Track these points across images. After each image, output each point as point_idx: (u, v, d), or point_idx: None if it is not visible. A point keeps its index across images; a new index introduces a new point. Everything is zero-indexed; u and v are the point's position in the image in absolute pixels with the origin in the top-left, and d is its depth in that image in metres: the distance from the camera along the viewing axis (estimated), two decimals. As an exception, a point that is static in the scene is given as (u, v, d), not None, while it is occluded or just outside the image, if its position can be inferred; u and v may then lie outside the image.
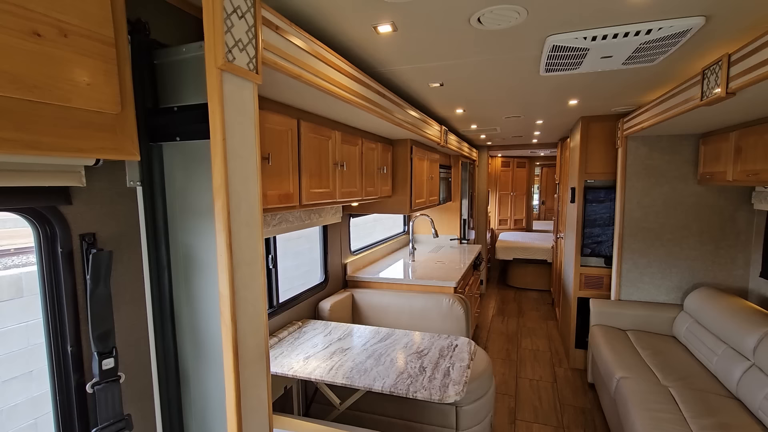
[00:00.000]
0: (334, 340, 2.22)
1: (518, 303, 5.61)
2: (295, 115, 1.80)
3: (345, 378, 1.79)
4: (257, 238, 1.12)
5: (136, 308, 1.14)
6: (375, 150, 2.67)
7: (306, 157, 1.87)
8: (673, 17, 1.41)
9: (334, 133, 2.12)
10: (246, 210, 1.08)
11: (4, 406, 1.63)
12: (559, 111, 3.23)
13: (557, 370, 3.60)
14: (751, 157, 2.17)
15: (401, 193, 3.02)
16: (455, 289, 2.99)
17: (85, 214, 1.00)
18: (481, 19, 1.41)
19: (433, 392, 1.67)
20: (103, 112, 0.87)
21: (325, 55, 1.46)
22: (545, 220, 8.77)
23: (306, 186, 1.88)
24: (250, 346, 1.10)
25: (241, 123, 1.05)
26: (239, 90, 1.04)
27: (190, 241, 1.16)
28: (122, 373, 1.04)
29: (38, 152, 0.76)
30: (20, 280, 1.70)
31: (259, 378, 1.15)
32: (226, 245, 1.01)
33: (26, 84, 0.73)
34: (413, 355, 2.02)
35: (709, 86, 1.74)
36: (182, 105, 1.09)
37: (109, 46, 0.88)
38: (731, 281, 2.98)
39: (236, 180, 1.04)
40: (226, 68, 0.97)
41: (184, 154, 1.13)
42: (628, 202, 3.19)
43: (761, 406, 1.97)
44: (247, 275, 1.09)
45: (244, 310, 1.07)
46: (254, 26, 1.06)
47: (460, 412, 2.23)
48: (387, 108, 2.10)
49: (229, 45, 0.97)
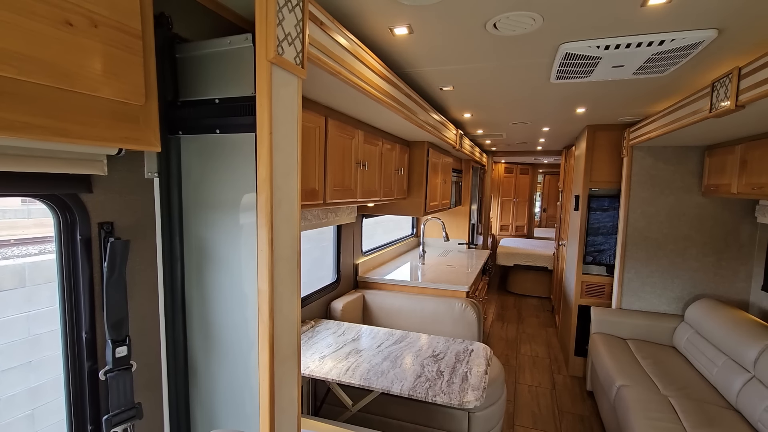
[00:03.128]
0: (348, 341, 2.21)
1: (518, 309, 5.61)
2: (323, 112, 1.80)
3: (362, 379, 1.78)
4: (295, 235, 1.11)
5: (148, 299, 1.15)
6: (393, 151, 2.68)
7: (331, 155, 1.87)
8: (687, 29, 1.43)
9: (358, 132, 2.12)
10: (287, 206, 1.07)
11: (2, 396, 1.62)
12: (566, 119, 3.24)
13: (556, 377, 3.60)
14: (757, 171, 2.18)
15: (416, 195, 3.03)
16: (467, 294, 2.99)
17: (104, 203, 1.01)
18: (497, 24, 1.43)
19: (452, 397, 1.65)
20: (128, 102, 0.88)
21: (362, 54, 1.46)
22: (546, 228, 8.79)
23: (330, 184, 1.88)
24: (284, 344, 1.09)
25: (286, 117, 1.05)
26: (286, 84, 1.04)
27: (203, 234, 1.17)
28: (134, 362, 1.05)
29: (66, 139, 0.77)
30: (23, 270, 1.70)
31: (291, 376, 1.13)
32: (268, 241, 0.99)
33: (58, 72, 0.74)
34: (430, 358, 2.01)
35: (718, 98, 1.75)
36: (223, 98, 1.08)
37: (136, 38, 0.89)
38: (732, 293, 2.99)
39: (279, 175, 1.03)
40: (276, 61, 0.97)
41: (201, 147, 1.15)
42: (632, 211, 3.20)
43: (761, 418, 1.98)
44: (285, 271, 1.08)
45: (280, 308, 1.06)
46: (302, 20, 1.05)
47: (473, 418, 2.20)
48: (412, 109, 2.11)
49: (280, 38, 0.97)
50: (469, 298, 2.96)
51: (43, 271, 1.74)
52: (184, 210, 1.19)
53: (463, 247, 4.86)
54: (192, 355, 1.24)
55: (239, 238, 1.12)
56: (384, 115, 2.04)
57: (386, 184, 2.58)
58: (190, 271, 1.21)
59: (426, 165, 3.00)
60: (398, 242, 4.28)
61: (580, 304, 3.57)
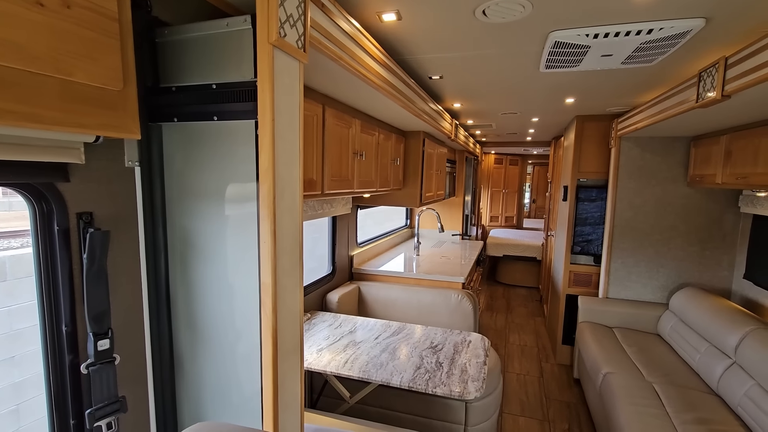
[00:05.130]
0: (345, 333, 2.20)
1: (507, 299, 5.67)
2: (320, 100, 1.77)
3: (362, 372, 1.77)
4: (297, 226, 1.08)
5: (131, 290, 1.12)
6: (389, 141, 2.65)
7: (329, 145, 1.84)
8: (675, 18, 1.43)
9: (355, 121, 2.09)
10: (289, 196, 1.03)
11: (-16, 392, 1.59)
12: (556, 109, 3.25)
13: (544, 366, 3.66)
14: (741, 161, 2.21)
15: (412, 186, 3.01)
16: (463, 285, 2.99)
17: (82, 193, 0.98)
18: (486, 11, 1.41)
19: (453, 388, 1.65)
20: (105, 88, 0.85)
21: (363, 39, 1.43)
22: (536, 218, 8.86)
23: (328, 174, 1.86)
24: (287, 338, 1.06)
25: (288, 104, 1.00)
26: (287, 69, 0.99)
27: (187, 224, 1.15)
28: (117, 355, 1.03)
29: (39, 125, 0.74)
30: (4, 264, 1.66)
31: (294, 371, 1.11)
32: (271, 232, 0.96)
33: (28, 55, 0.71)
34: (428, 350, 2.01)
35: (704, 88, 1.77)
36: (221, 83, 1.03)
37: (112, 21, 0.86)
38: (716, 282, 3.05)
39: (281, 164, 0.98)
40: (277, 44, 0.92)
41: (184, 135, 1.12)
42: (619, 201, 3.24)
43: (740, 402, 2.03)
44: (288, 264, 1.04)
45: (284, 300, 1.03)
46: (304, 2, 1.00)
47: (470, 407, 2.22)
48: (410, 97, 2.07)
49: (282, 20, 0.92)
50: (464, 289, 2.98)
51: (24, 265, 1.70)
52: (167, 200, 1.17)
53: (456, 238, 4.87)
54: (177, 347, 1.22)
55: (225, 229, 1.10)
56: (382, 104, 2.01)
57: (382, 174, 2.56)
58: (175, 262, 1.18)
59: (422, 155, 2.98)
60: (392, 233, 4.27)
61: (568, 294, 3.61)
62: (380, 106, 2.09)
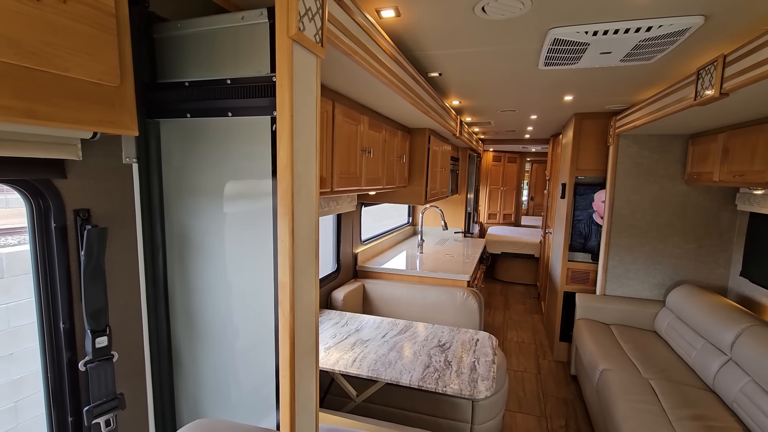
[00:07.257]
0: (352, 331, 2.19)
1: (505, 296, 5.69)
2: (330, 97, 1.74)
3: (370, 370, 1.76)
4: (313, 224, 1.06)
5: (129, 287, 1.12)
6: (396, 138, 2.63)
7: (338, 142, 1.82)
8: (674, 15, 1.43)
9: (363, 118, 2.07)
10: (306, 194, 1.00)
11: (-19, 390, 1.59)
12: (554, 106, 3.25)
13: (541, 362, 3.67)
14: (738, 159, 2.22)
15: (417, 183, 2.99)
16: (468, 283, 2.98)
17: (80, 189, 0.97)
18: (485, 8, 1.41)
19: (463, 387, 1.65)
20: (102, 83, 0.84)
21: (376, 35, 1.41)
22: (534, 216, 8.88)
23: (337, 171, 1.84)
24: (303, 337, 1.04)
25: (306, 99, 0.98)
26: (306, 63, 0.97)
27: (186, 221, 1.15)
28: (115, 352, 1.03)
29: (35, 121, 0.73)
30: (1, 261, 1.65)
31: (310, 371, 1.09)
32: (288, 231, 0.94)
33: (24, 49, 0.70)
34: (436, 348, 2.01)
35: (703, 86, 1.77)
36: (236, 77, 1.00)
37: (108, 16, 0.85)
38: (712, 279, 3.07)
39: (299, 161, 0.96)
40: (297, 38, 0.90)
41: (182, 132, 1.11)
42: (617, 199, 3.25)
43: (736, 398, 2.05)
44: (304, 262, 1.02)
45: (300, 299, 1.01)
46: None
47: (477, 406, 2.21)
48: (419, 94, 2.06)
49: (301, 13, 0.90)
50: (469, 287, 2.97)
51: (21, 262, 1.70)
52: (165, 196, 1.16)
53: (459, 236, 4.87)
54: (176, 344, 1.22)
55: (223, 226, 1.10)
56: (392, 101, 1.99)
57: (389, 171, 2.54)
58: (173, 259, 1.18)
59: (427, 152, 2.97)
60: (395, 231, 4.26)
61: (566, 291, 3.62)
62: (389, 103, 2.07)
